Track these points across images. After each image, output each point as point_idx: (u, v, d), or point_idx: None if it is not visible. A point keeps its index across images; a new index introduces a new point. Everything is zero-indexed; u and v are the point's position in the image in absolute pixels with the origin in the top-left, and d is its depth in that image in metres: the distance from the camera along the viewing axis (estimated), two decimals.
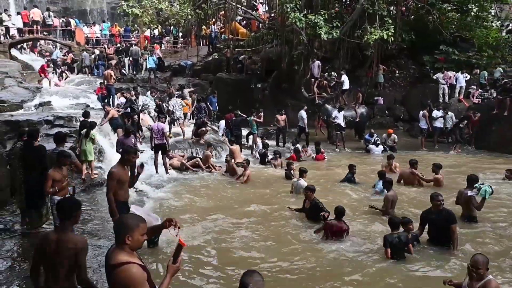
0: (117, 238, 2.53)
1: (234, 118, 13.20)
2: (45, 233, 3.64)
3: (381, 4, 15.04)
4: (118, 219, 2.93)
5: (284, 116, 14.05)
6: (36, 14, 21.15)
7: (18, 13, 21.91)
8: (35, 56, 21.33)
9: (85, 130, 8.62)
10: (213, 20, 21.52)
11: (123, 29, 24.25)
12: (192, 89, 16.46)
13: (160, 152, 10.07)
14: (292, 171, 9.82)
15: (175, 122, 12.92)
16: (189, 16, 18.24)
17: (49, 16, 21.92)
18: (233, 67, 18.97)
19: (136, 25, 22.64)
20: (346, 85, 15.66)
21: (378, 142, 13.16)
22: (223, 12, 19.43)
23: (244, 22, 22.30)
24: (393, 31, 14.42)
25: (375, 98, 17.53)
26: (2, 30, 20.24)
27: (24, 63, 18.69)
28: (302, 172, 8.59)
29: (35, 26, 21.05)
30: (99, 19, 28.23)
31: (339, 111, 14.02)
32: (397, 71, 18.90)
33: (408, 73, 18.84)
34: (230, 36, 19.00)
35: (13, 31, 20.57)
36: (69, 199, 3.99)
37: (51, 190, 5.42)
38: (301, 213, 6.98)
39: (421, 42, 17.43)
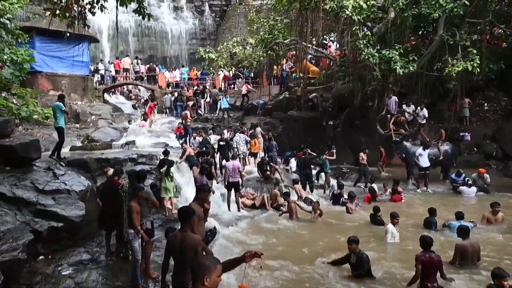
0: (194, 277, 2.56)
1: (303, 156, 13.08)
2: (173, 234, 4.59)
3: (462, 34, 14.28)
4: (197, 261, 3.00)
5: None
6: (126, 62, 23.98)
7: (111, 63, 24.94)
8: (123, 99, 23.86)
9: (165, 168, 9.13)
10: (284, 60, 22.23)
11: (200, 72, 26.13)
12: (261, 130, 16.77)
13: (233, 190, 10.29)
14: (379, 216, 8.94)
15: (241, 158, 13.24)
16: (261, 58, 19.10)
17: (138, 63, 24.63)
18: (304, 105, 19.12)
19: (211, 68, 24.27)
20: (424, 120, 14.94)
21: (470, 182, 11.93)
22: (294, 52, 20.01)
23: (314, 61, 22.66)
24: (478, 62, 13.47)
25: (461, 134, 16.12)
26: (98, 78, 23.17)
27: (114, 106, 20.95)
28: (393, 218, 7.70)
29: (125, 73, 23.74)
30: (179, 64, 30.89)
31: (424, 149, 13.05)
32: (485, 104, 17.39)
33: (499, 106, 17.18)
34: (301, 74, 19.35)
35: (107, 78, 23.43)
36: (185, 207, 4.99)
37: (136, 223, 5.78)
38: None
39: None
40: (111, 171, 8.52)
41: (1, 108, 8.69)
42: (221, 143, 13.14)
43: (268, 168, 12.64)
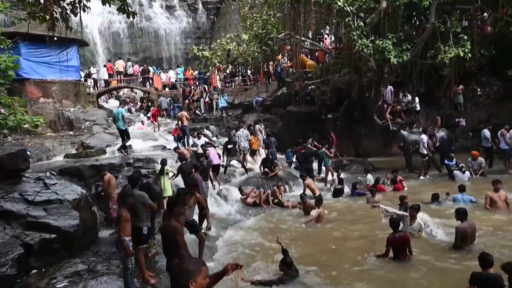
0: (177, 284, 2.43)
1: (303, 151, 12.86)
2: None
3: (453, 21, 14.16)
4: (178, 265, 2.91)
5: None
6: (120, 65, 23.63)
7: (104, 66, 24.57)
8: (118, 103, 23.54)
9: (159, 167, 9.26)
10: (280, 55, 21.91)
11: (197, 72, 25.78)
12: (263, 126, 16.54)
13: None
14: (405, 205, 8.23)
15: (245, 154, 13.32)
16: (256, 54, 18.78)
17: (131, 65, 24.30)
18: (303, 100, 18.88)
19: (209, 67, 23.90)
20: (418, 107, 14.88)
21: (464, 168, 11.78)
22: (289, 47, 19.69)
23: (310, 55, 22.34)
24: (470, 48, 13.35)
25: (456, 120, 16.01)
26: (91, 82, 22.81)
27: (109, 111, 20.64)
28: (414, 210, 7.19)
29: (118, 76, 23.39)
30: (174, 65, 30.55)
31: (426, 135, 12.91)
32: (478, 89, 17.21)
33: (491, 91, 17.02)
34: (298, 69, 19.04)
35: (100, 82, 23.09)
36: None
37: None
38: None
39: (504, 56, 15.71)
40: (108, 175, 8.36)
41: None
42: (229, 146, 12.97)
43: (271, 165, 12.51)
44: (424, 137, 12.74)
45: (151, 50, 32.91)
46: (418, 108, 14.97)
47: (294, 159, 13.73)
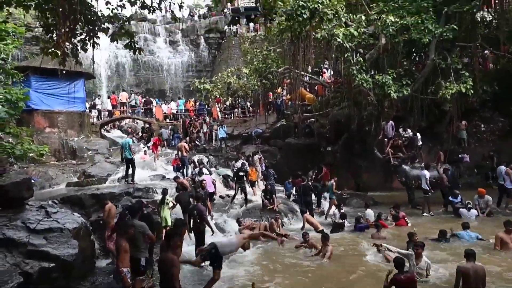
0: None
1: (303, 183, 12.98)
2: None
3: (454, 58, 14.53)
4: None
5: None
6: (123, 96, 24.34)
7: (109, 97, 25.28)
8: (120, 133, 24.01)
9: (161, 197, 9.40)
10: (279, 88, 22.53)
11: (197, 103, 26.40)
12: (261, 156, 16.80)
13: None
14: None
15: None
16: (256, 87, 19.35)
17: (135, 98, 25.04)
18: (302, 132, 19.22)
19: (209, 98, 24.51)
20: (419, 142, 15.08)
21: (470, 205, 11.69)
22: (288, 80, 20.31)
23: (309, 88, 22.96)
24: (471, 84, 13.60)
25: (460, 156, 16.09)
26: (95, 113, 23.41)
27: (111, 140, 21.00)
28: (420, 248, 6.96)
29: (122, 107, 24.00)
30: (176, 96, 31.31)
31: (427, 170, 12.89)
32: (482, 125, 17.46)
33: (496, 127, 17.25)
34: (297, 102, 19.55)
35: (104, 113, 23.70)
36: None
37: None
38: None
39: (507, 93, 16.14)
40: (109, 204, 8.55)
41: None
42: (241, 173, 13.25)
43: (270, 197, 12.62)
44: (427, 173, 12.71)
45: (154, 82, 33.93)
46: (420, 143, 15.11)
47: (294, 191, 13.82)
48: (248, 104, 25.98)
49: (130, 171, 12.66)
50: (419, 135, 15.05)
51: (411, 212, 12.61)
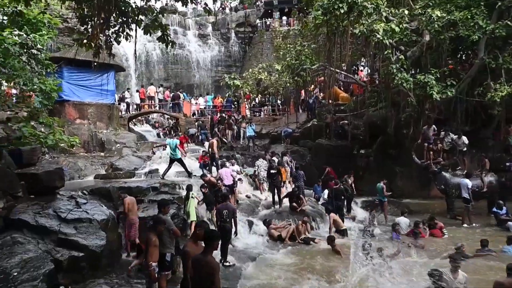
0: None
1: (335, 187, 12.91)
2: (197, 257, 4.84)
3: (506, 57, 13.96)
4: None
5: None
6: (151, 90, 25.06)
7: (137, 91, 26.09)
8: (148, 127, 24.72)
9: (185, 193, 9.76)
10: (312, 86, 22.46)
11: (225, 100, 26.74)
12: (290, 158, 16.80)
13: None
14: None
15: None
16: (288, 84, 19.37)
17: (163, 92, 25.67)
18: (334, 133, 19.11)
19: (241, 94, 24.77)
20: (465, 148, 14.60)
21: None
22: (322, 78, 20.22)
23: (345, 86, 22.75)
24: None
25: (507, 164, 15.50)
26: (123, 106, 24.22)
27: (139, 134, 21.65)
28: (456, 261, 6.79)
29: (150, 101, 24.71)
30: (204, 92, 31.85)
31: (469, 178, 12.60)
32: None
33: None
34: (330, 101, 19.46)
35: (132, 106, 24.52)
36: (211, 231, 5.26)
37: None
38: None
39: None
40: (128, 198, 8.81)
41: (29, 136, 9.23)
42: (272, 171, 13.34)
43: (297, 199, 12.67)
44: (468, 181, 12.40)
45: (182, 77, 34.62)
46: (465, 149, 14.67)
47: (325, 196, 13.75)
48: (279, 101, 26.02)
49: (180, 168, 13.70)
50: (465, 139, 14.50)
51: (449, 222, 12.31)
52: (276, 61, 23.01)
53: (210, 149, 15.34)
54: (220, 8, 40.10)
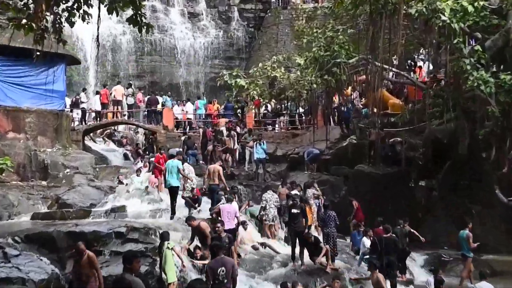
0: None
1: (385, 235, 12.71)
2: None
3: None
4: None
5: None
6: (118, 92, 25.04)
7: (97, 92, 26.09)
8: (112, 145, 24.71)
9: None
10: (349, 88, 22.45)
11: (222, 106, 26.77)
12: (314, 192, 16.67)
13: None
14: None
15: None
16: (314, 85, 19.36)
17: (133, 94, 25.67)
18: (382, 156, 19.04)
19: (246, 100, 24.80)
20: None
21: None
22: (363, 76, 20.26)
23: (395, 90, 22.74)
24: None
25: None
26: (77, 114, 24.27)
27: (99, 155, 21.64)
28: None
29: (115, 107, 24.77)
30: (194, 95, 31.87)
31: None
32: None
33: None
34: (376, 110, 19.42)
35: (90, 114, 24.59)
36: None
37: None
38: None
39: None
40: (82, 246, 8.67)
41: None
42: (294, 210, 13.29)
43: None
44: None
45: (163, 73, 34.78)
46: None
47: (367, 245, 13.54)
48: (301, 110, 26.02)
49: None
50: None
51: None
52: (298, 52, 23.12)
53: (208, 179, 15.29)
54: None
